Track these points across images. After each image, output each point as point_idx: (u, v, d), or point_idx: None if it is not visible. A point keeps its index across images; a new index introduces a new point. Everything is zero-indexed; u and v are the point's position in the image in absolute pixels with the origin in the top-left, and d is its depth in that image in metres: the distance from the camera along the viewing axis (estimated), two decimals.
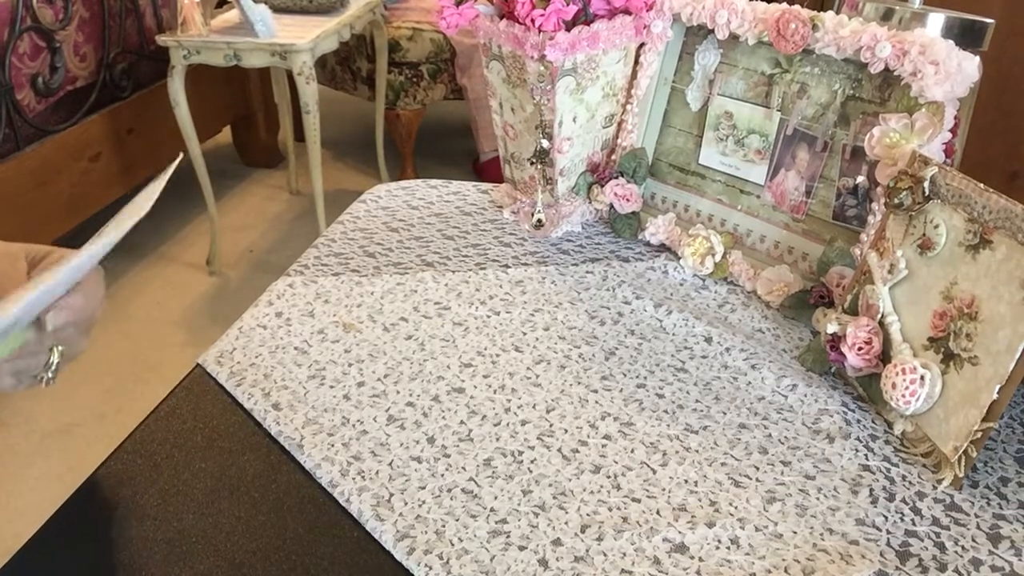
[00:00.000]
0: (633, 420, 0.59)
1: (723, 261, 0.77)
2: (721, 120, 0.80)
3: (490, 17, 0.81)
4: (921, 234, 0.59)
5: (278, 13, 2.17)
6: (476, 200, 0.95)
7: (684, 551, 0.48)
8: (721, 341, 0.69)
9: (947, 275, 0.57)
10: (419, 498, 0.53)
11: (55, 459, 1.61)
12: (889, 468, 0.56)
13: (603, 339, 0.69)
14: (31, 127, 1.81)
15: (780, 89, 0.76)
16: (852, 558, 0.48)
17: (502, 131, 0.89)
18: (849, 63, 0.71)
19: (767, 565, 0.48)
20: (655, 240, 0.83)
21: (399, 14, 2.60)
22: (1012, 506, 0.53)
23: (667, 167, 0.86)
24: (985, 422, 0.52)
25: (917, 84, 0.64)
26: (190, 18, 1.99)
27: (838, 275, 0.69)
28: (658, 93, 0.86)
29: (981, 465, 0.56)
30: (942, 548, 0.49)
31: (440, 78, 2.61)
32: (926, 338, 0.58)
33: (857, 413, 0.61)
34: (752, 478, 0.54)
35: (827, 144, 0.73)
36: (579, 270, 0.80)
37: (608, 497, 0.52)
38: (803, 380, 0.64)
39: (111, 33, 2.05)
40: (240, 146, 2.84)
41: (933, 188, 0.58)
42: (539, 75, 0.78)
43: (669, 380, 0.64)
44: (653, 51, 0.84)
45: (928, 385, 0.56)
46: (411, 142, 2.68)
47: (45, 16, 1.81)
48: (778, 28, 0.72)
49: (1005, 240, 0.53)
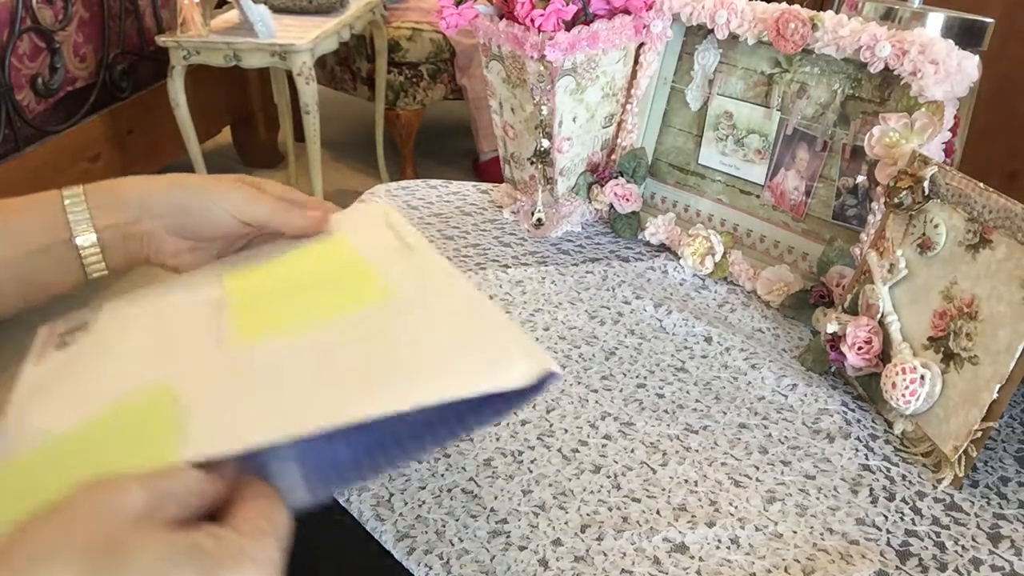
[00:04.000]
0: (633, 420, 0.59)
1: (723, 261, 0.77)
2: (721, 120, 0.80)
3: (490, 17, 0.81)
4: (921, 234, 0.59)
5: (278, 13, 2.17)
6: (476, 200, 0.95)
7: (684, 551, 0.48)
8: (721, 341, 0.69)
9: (947, 275, 0.57)
10: (419, 498, 0.53)
11: None
12: (889, 468, 0.56)
13: (603, 339, 0.69)
14: (31, 128, 1.81)
15: (780, 89, 0.76)
16: (852, 558, 0.48)
17: (502, 131, 0.89)
18: (849, 63, 0.71)
19: (767, 565, 0.48)
20: (655, 240, 0.83)
21: (399, 14, 2.60)
22: (1012, 506, 0.53)
23: (667, 167, 0.86)
24: (985, 422, 0.52)
25: (917, 84, 0.64)
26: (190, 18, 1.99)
27: (838, 275, 0.69)
28: (658, 93, 0.86)
29: (981, 465, 0.56)
30: (942, 548, 0.49)
31: (440, 78, 2.61)
32: (926, 338, 0.58)
33: (857, 413, 0.61)
34: (752, 478, 0.54)
35: (827, 144, 0.73)
36: (579, 270, 0.80)
37: (608, 497, 0.52)
38: (803, 380, 0.64)
39: (111, 34, 2.05)
40: (240, 146, 2.84)
41: (933, 188, 0.58)
42: (539, 75, 0.78)
43: (669, 380, 0.64)
44: (653, 51, 0.84)
45: (928, 385, 0.56)
46: (411, 142, 2.68)
47: (45, 17, 1.81)
48: (778, 28, 0.72)
49: (1005, 240, 0.53)
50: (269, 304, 0.47)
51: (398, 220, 0.54)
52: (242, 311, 0.46)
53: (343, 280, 0.48)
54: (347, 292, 0.46)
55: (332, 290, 0.47)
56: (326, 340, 0.41)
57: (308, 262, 0.52)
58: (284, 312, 0.45)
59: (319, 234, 0.54)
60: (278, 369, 0.39)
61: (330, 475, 0.37)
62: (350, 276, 0.48)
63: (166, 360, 0.43)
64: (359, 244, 0.52)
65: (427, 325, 0.41)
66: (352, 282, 0.47)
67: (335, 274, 0.49)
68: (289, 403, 0.36)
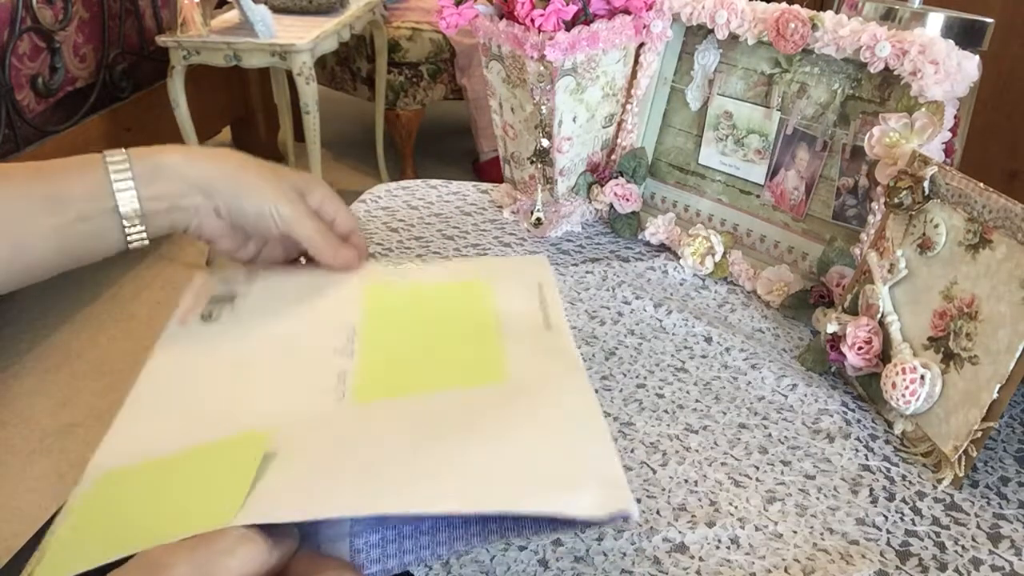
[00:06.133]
0: (633, 420, 0.59)
1: (723, 261, 0.77)
2: (721, 120, 0.80)
3: (490, 17, 0.81)
4: (921, 234, 0.59)
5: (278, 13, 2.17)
6: (476, 200, 0.95)
7: (684, 551, 0.48)
8: (721, 341, 0.69)
9: (947, 275, 0.57)
10: None
11: (55, 459, 1.61)
12: (889, 468, 0.56)
13: (603, 339, 0.69)
14: (31, 128, 1.81)
15: (780, 89, 0.76)
16: (852, 558, 0.48)
17: (502, 131, 0.90)
18: (849, 63, 0.71)
19: (767, 565, 0.48)
20: (655, 240, 0.83)
21: (399, 14, 2.60)
22: (1012, 506, 0.53)
23: (667, 167, 0.86)
24: (985, 421, 0.52)
25: (917, 84, 0.64)
26: (190, 18, 1.99)
27: (838, 275, 0.69)
28: (658, 93, 0.86)
29: (981, 465, 0.56)
30: (942, 548, 0.49)
31: (440, 78, 2.61)
32: (926, 338, 0.58)
33: (857, 413, 0.61)
34: (752, 478, 0.54)
35: (827, 144, 0.73)
36: (579, 270, 0.80)
37: None
38: (803, 380, 0.64)
39: (111, 34, 2.05)
40: (240, 146, 2.83)
41: (933, 188, 0.58)
42: (539, 75, 0.78)
43: (669, 380, 0.64)
44: (653, 51, 0.84)
45: (928, 385, 0.56)
46: (411, 142, 2.68)
47: (45, 17, 1.81)
48: (778, 28, 0.73)
49: (1005, 240, 0.53)
50: (395, 363, 0.48)
51: (550, 286, 0.56)
52: (368, 368, 0.48)
53: (471, 351, 0.49)
54: (469, 367, 0.48)
55: (457, 360, 0.49)
56: (427, 417, 0.42)
57: (446, 312, 0.53)
58: (406, 373, 0.47)
59: (457, 276, 0.56)
60: (371, 446, 0.40)
61: (374, 555, 0.38)
62: (479, 347, 0.50)
63: (282, 403, 0.45)
64: (502, 309, 0.53)
65: (524, 424, 0.41)
66: (478, 355, 0.49)
67: (466, 340, 0.51)
68: (362, 484, 0.36)
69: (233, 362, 0.49)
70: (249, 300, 0.54)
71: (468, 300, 0.54)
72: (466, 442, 0.39)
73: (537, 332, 0.51)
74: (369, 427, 0.42)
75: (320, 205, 0.56)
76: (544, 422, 0.42)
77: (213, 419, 0.43)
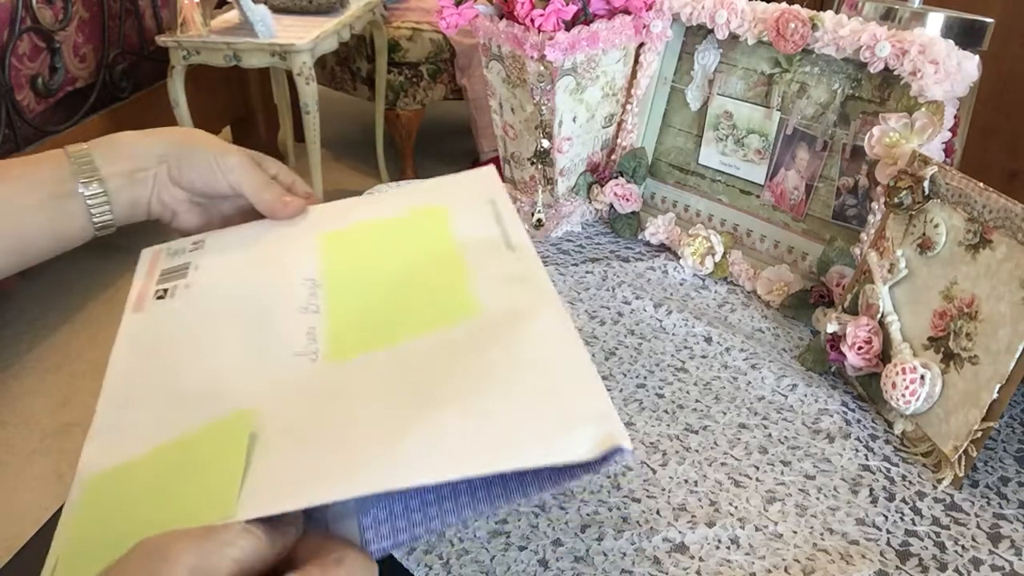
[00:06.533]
0: (633, 420, 0.59)
1: (723, 261, 0.77)
2: (721, 120, 0.80)
3: (490, 17, 0.81)
4: (921, 233, 0.59)
5: (278, 13, 2.17)
6: None
7: (684, 551, 0.48)
8: (721, 341, 0.69)
9: (947, 275, 0.57)
10: None
11: (55, 459, 1.61)
12: (889, 468, 0.56)
13: (603, 339, 0.69)
14: (31, 128, 1.81)
15: (780, 89, 0.76)
16: (852, 558, 0.48)
17: (502, 131, 0.89)
18: (849, 63, 0.71)
19: (767, 565, 0.48)
20: (655, 240, 0.83)
21: (399, 14, 2.60)
22: (1012, 506, 0.53)
23: (667, 167, 0.86)
24: (985, 421, 0.52)
25: (917, 83, 0.64)
26: (190, 18, 1.99)
27: (838, 275, 0.69)
28: (658, 93, 0.86)
29: (981, 464, 0.56)
30: (942, 548, 0.49)
31: (440, 78, 2.61)
32: (926, 337, 0.58)
33: (857, 413, 0.61)
34: (752, 478, 0.54)
35: (827, 144, 0.73)
36: (579, 270, 0.80)
37: (608, 497, 0.52)
38: (803, 380, 0.64)
39: (111, 34, 2.05)
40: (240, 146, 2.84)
41: (933, 188, 0.58)
42: (539, 75, 0.78)
43: (669, 380, 0.64)
44: (653, 51, 0.84)
45: (928, 385, 0.56)
46: (411, 142, 2.68)
47: (45, 17, 1.81)
48: (778, 28, 0.73)
49: (1005, 240, 0.53)
50: (363, 312, 0.47)
51: (504, 201, 0.53)
52: (337, 322, 0.46)
53: (438, 286, 0.48)
54: (439, 305, 0.46)
55: (425, 299, 0.47)
56: (407, 374, 0.41)
57: (405, 248, 0.51)
58: (376, 322, 0.46)
59: (408, 208, 0.54)
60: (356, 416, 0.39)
61: (383, 530, 0.37)
62: (446, 281, 0.48)
63: (256, 375, 0.43)
64: (459, 232, 0.51)
65: (503, 370, 0.40)
66: (446, 289, 0.47)
67: (432, 275, 0.49)
68: (355, 461, 0.36)
69: (199, 338, 0.47)
70: (202, 270, 0.52)
71: (425, 231, 0.52)
72: (451, 400, 0.38)
73: (500, 254, 0.49)
74: (350, 393, 0.40)
75: (276, 175, 0.57)
76: (526, 364, 0.40)
77: (190, 404, 0.42)
